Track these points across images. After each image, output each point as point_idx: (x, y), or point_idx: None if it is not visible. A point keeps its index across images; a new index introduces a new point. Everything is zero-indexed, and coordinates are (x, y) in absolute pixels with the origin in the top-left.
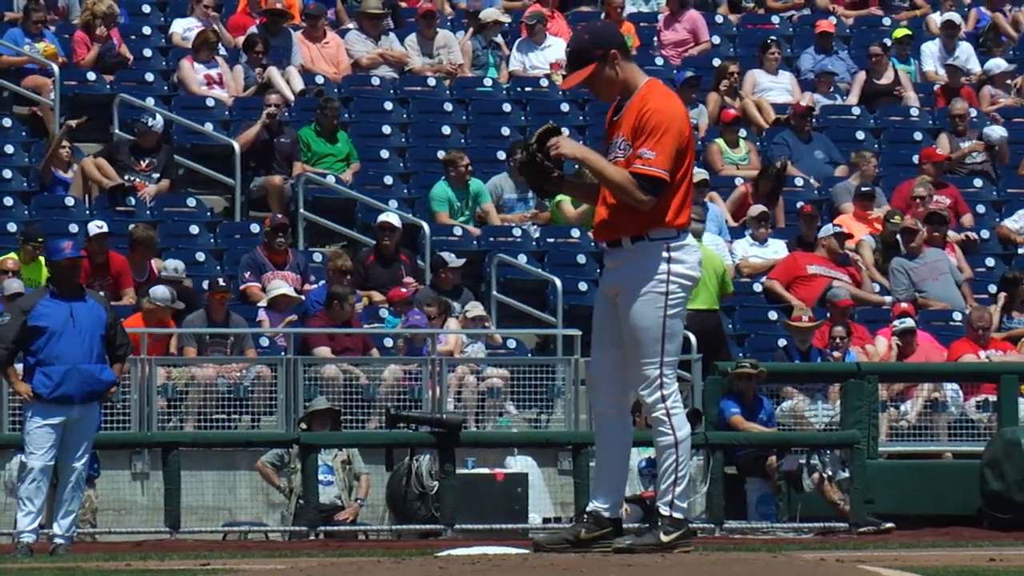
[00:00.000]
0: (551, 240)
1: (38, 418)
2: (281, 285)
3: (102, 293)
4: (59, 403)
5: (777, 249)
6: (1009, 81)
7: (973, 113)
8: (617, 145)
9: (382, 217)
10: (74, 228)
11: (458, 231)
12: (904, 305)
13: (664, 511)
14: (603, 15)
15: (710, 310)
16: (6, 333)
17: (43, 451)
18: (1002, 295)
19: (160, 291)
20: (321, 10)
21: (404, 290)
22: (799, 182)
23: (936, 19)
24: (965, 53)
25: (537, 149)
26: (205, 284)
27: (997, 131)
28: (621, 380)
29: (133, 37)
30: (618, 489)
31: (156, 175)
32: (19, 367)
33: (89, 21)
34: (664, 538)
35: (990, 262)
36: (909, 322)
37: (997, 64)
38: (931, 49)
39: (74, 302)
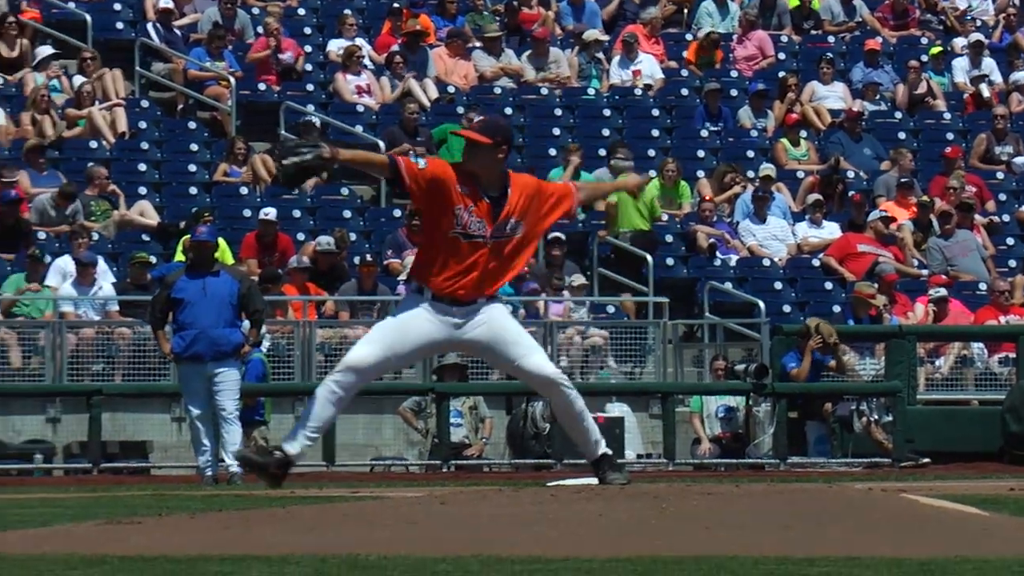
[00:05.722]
0: (652, 231)
1: (182, 372)
2: None
3: (243, 269)
4: (193, 361)
5: (832, 230)
6: None
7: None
8: (509, 226)
9: None
10: (247, 213)
11: None
12: (939, 277)
13: (608, 452)
14: (689, 36)
15: (644, 230)
16: (155, 303)
17: (193, 399)
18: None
19: (325, 238)
20: (462, 30)
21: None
22: (851, 175)
23: (960, 42)
24: (989, 67)
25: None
26: (356, 259)
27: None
28: (368, 379)
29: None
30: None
31: None
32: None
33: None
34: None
35: (1010, 241)
36: (942, 292)
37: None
38: (961, 64)
39: (207, 277)
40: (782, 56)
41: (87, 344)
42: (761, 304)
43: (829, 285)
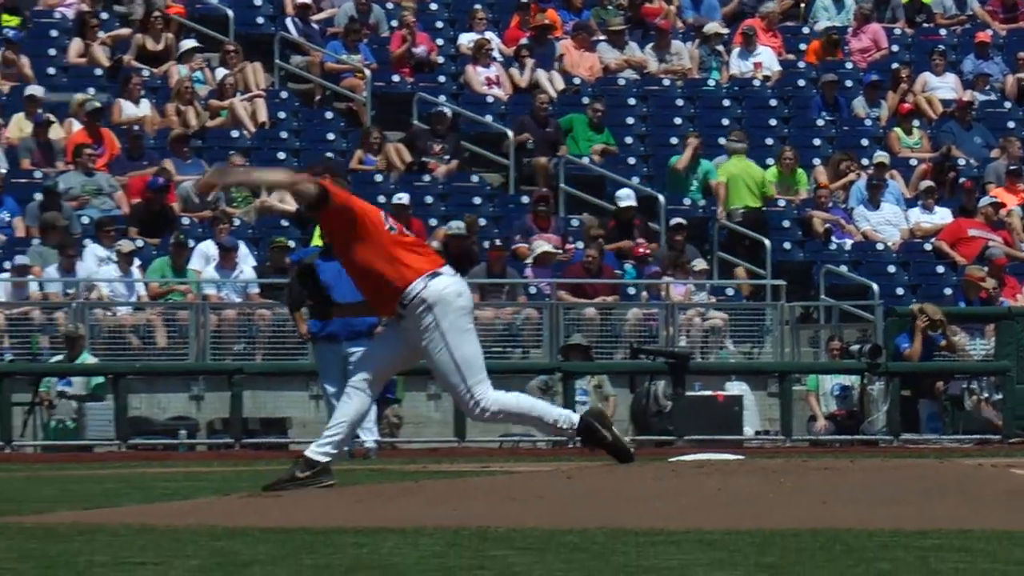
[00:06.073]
0: (764, 209)
1: (318, 352)
2: (544, 244)
3: None
4: (328, 340)
5: (943, 216)
6: None
7: None
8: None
9: (622, 203)
10: (381, 199)
11: (687, 200)
12: None
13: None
14: (806, 29)
15: (755, 208)
16: (292, 286)
17: (328, 378)
18: None
19: (456, 223)
20: (587, 24)
21: (642, 250)
22: (961, 162)
23: None
24: None
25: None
26: (486, 244)
27: None
28: (375, 377)
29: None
30: (346, 444)
31: (447, 157)
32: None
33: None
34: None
35: None
36: None
37: None
38: None
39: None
40: (895, 48)
41: (229, 325)
42: (875, 287)
43: (941, 268)
